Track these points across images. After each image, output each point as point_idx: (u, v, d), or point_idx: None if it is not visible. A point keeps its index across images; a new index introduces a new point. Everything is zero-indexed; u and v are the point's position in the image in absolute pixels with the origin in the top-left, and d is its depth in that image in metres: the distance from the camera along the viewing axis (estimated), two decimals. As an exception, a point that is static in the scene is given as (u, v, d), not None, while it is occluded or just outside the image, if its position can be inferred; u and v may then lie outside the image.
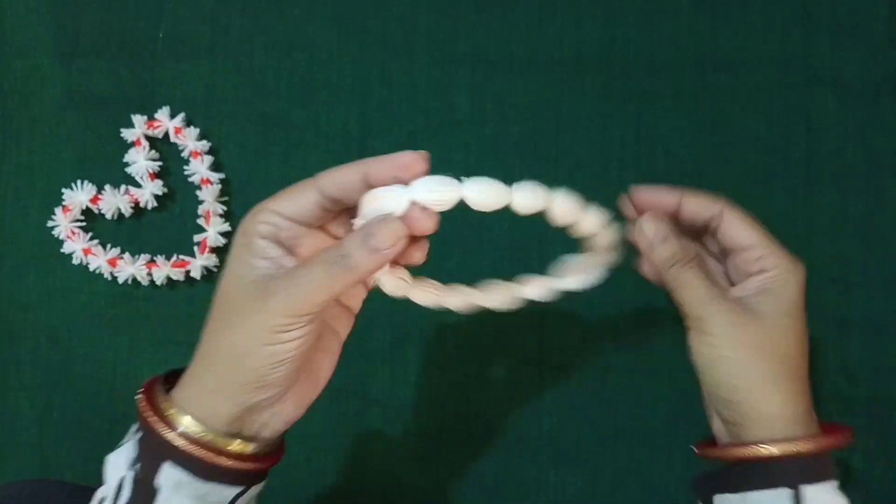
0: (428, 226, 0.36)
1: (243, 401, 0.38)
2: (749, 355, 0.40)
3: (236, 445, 0.38)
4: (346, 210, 0.39)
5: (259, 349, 0.36)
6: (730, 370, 0.40)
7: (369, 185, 0.36)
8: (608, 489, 0.58)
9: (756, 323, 0.40)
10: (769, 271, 0.41)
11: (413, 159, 0.36)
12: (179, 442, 0.37)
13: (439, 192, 0.35)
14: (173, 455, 0.37)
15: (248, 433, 0.39)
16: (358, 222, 0.37)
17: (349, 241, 0.36)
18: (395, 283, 0.39)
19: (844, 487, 0.40)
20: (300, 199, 0.38)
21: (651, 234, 0.42)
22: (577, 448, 0.58)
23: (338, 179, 0.37)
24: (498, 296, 0.41)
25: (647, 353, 0.58)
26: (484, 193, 0.36)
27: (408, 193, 0.35)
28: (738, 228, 0.42)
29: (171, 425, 0.38)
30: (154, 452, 0.38)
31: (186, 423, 0.38)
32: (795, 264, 0.41)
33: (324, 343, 0.41)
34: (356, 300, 0.42)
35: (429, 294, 0.41)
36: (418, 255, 0.38)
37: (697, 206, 0.42)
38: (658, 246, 0.41)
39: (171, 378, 0.40)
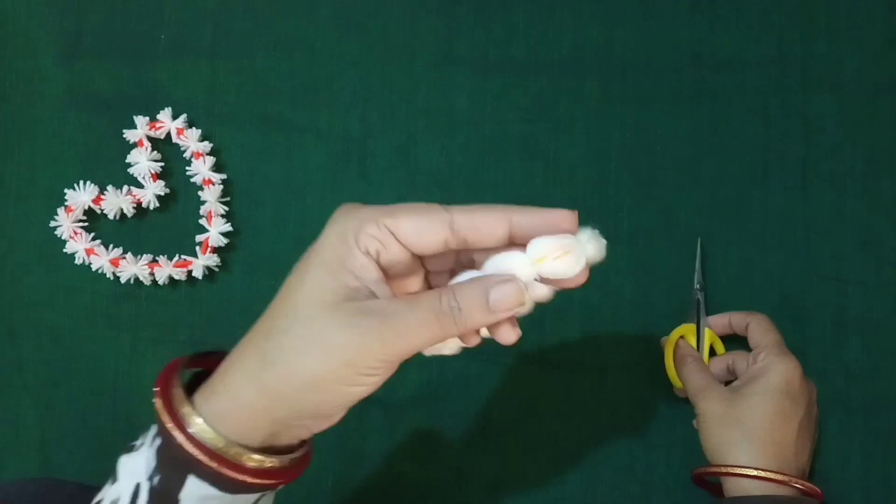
0: (582, 280, 0.33)
1: (287, 423, 0.35)
2: (723, 428, 0.50)
3: (257, 460, 0.35)
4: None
5: (335, 387, 0.33)
6: (707, 437, 0.51)
7: (511, 235, 0.33)
8: (608, 488, 0.58)
9: (736, 404, 0.50)
10: (758, 364, 0.52)
11: (565, 218, 0.32)
12: (204, 458, 0.33)
13: (570, 266, 0.32)
14: (198, 469, 0.34)
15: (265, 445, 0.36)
16: (468, 275, 0.33)
17: (465, 294, 0.32)
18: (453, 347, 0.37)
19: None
20: (427, 228, 0.33)
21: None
22: (576, 447, 0.58)
23: (478, 221, 0.33)
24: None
25: (647, 352, 0.58)
26: (598, 249, 0.33)
27: (536, 268, 0.33)
28: (754, 332, 0.54)
29: (194, 440, 0.34)
30: (177, 465, 0.34)
31: (211, 437, 0.34)
32: (784, 361, 0.51)
33: None
34: None
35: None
36: (513, 337, 0.35)
37: (741, 319, 0.55)
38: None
39: (190, 365, 0.37)
